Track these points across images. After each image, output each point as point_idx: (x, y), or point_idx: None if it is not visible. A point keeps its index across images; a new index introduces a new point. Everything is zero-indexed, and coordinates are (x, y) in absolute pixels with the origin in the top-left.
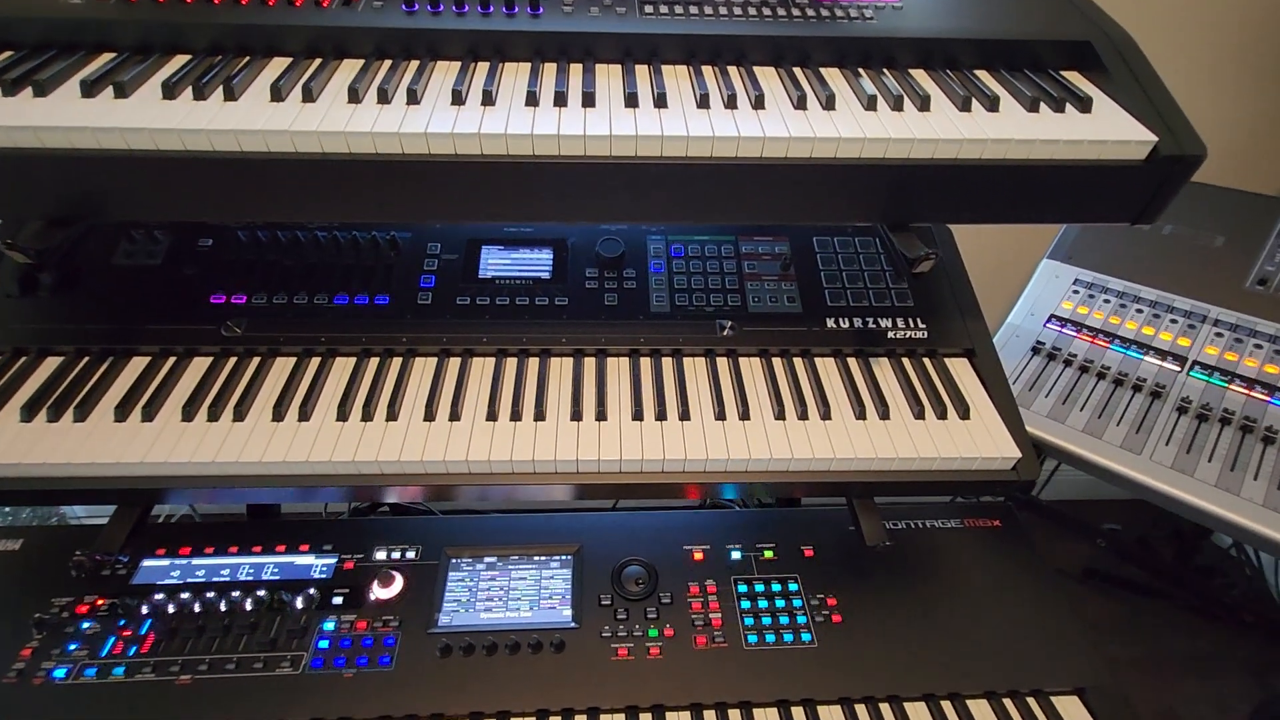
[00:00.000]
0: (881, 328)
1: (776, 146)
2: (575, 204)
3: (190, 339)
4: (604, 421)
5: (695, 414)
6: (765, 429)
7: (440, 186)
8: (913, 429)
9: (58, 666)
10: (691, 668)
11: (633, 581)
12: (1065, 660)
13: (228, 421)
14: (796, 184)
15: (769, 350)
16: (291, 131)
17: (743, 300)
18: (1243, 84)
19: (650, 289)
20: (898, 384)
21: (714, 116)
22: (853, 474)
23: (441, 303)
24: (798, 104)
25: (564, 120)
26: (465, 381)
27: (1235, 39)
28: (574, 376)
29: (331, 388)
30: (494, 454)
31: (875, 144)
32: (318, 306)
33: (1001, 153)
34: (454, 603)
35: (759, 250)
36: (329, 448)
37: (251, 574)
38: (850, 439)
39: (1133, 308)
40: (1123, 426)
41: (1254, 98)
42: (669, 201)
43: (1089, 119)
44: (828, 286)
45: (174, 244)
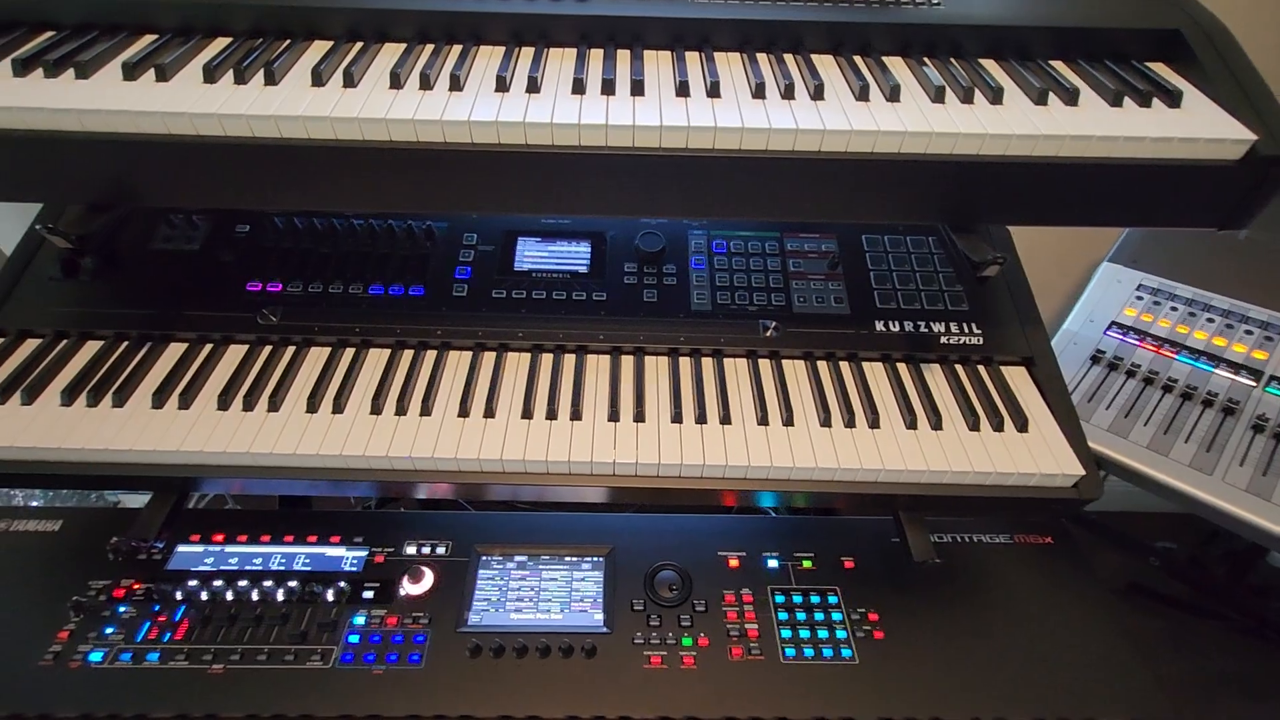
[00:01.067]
0: (934, 332)
1: (837, 140)
2: (622, 197)
3: (227, 326)
4: (642, 423)
5: (737, 418)
6: (810, 436)
7: (482, 177)
8: (967, 441)
9: (94, 650)
10: (727, 680)
11: (666, 587)
12: (1119, 689)
13: (263, 411)
14: (857, 180)
15: (814, 353)
16: (332, 118)
17: (787, 300)
18: None
19: (691, 286)
20: (951, 392)
21: (770, 107)
22: (902, 487)
23: (476, 295)
24: (859, 95)
25: (612, 110)
26: (500, 377)
27: None
28: (611, 375)
29: (365, 380)
30: (529, 453)
31: (943, 139)
32: (352, 296)
33: (1081, 150)
34: (484, 601)
35: (805, 248)
36: (363, 441)
37: (283, 564)
38: (900, 450)
39: (1203, 317)
40: (1191, 444)
41: None
42: (721, 197)
43: (1179, 115)
44: (877, 287)
45: (212, 229)
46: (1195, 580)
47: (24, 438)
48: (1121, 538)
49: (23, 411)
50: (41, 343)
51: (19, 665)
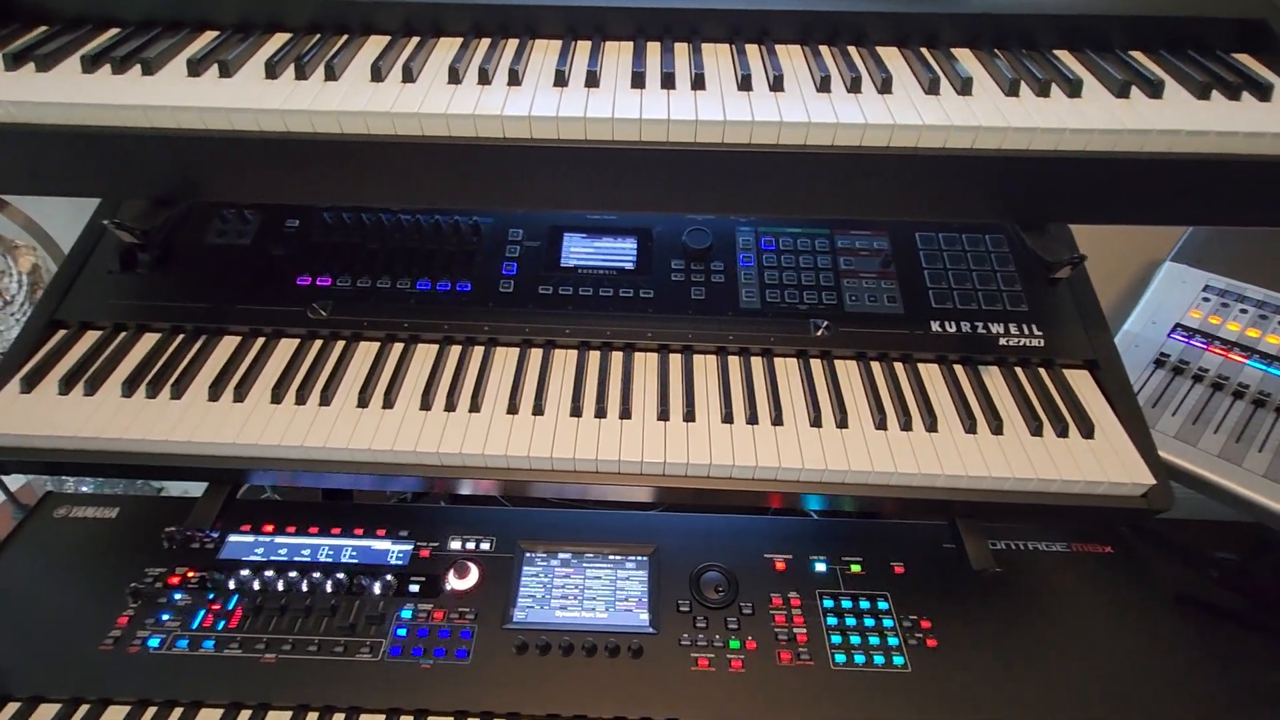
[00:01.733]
0: (992, 333)
1: (907, 135)
2: (682, 193)
3: (278, 320)
4: (692, 423)
5: (789, 419)
6: (865, 439)
7: (541, 170)
8: (1029, 446)
9: (152, 636)
10: (776, 684)
11: (712, 588)
12: (1177, 703)
13: (314, 405)
14: (927, 177)
15: (867, 353)
16: (393, 113)
17: (838, 299)
18: None
19: (739, 284)
20: (1010, 396)
21: (836, 101)
22: (960, 493)
23: (523, 291)
24: (929, 88)
25: (673, 104)
26: (548, 374)
27: None
28: (660, 374)
29: (414, 375)
30: (579, 452)
31: (1020, 134)
32: (400, 291)
33: (1169, 145)
34: (529, 598)
35: (856, 245)
36: (413, 438)
37: (331, 555)
38: (959, 454)
39: (1275, 319)
40: (1266, 452)
41: None
42: (785, 194)
43: (1271, 108)
44: (931, 286)
45: (263, 224)
46: (1254, 591)
47: (88, 428)
48: (1180, 548)
49: (86, 403)
50: (101, 335)
51: (81, 649)
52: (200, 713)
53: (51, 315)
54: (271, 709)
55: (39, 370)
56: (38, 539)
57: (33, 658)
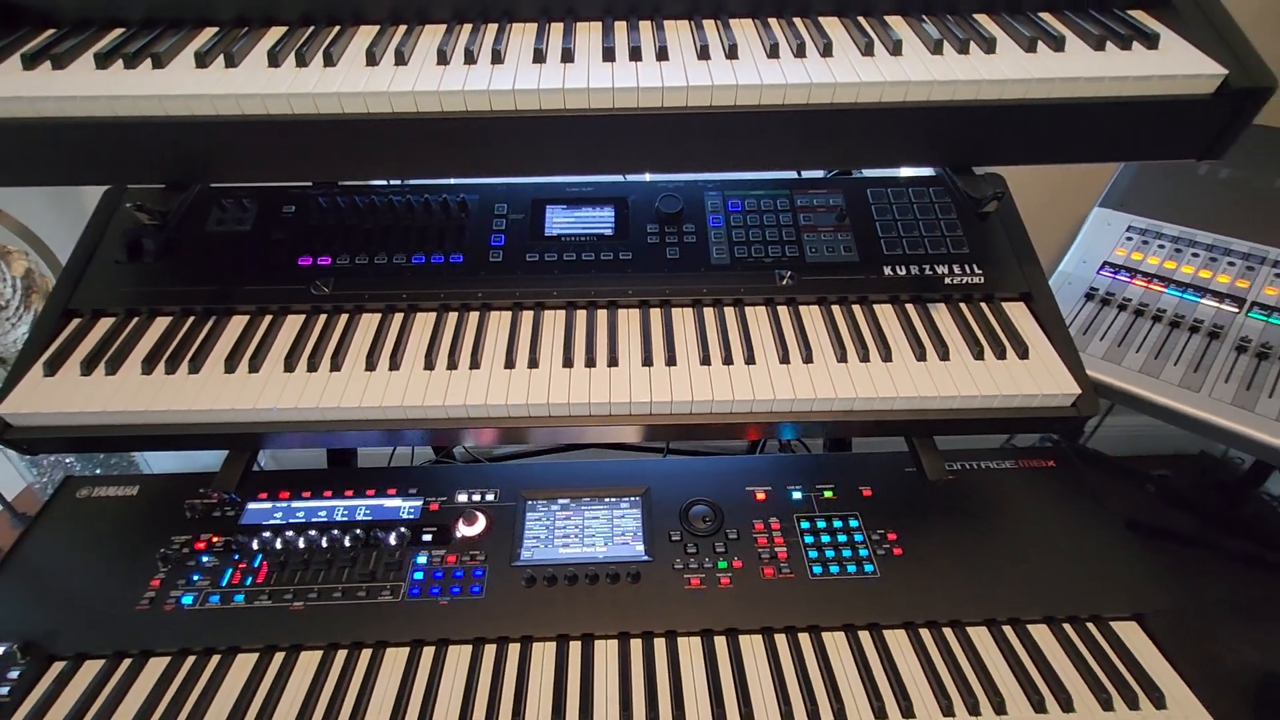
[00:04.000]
0: (938, 274)
1: (847, 92)
2: (653, 154)
3: (283, 298)
4: (674, 366)
5: (760, 358)
6: (829, 371)
7: (527, 139)
8: (973, 369)
9: (185, 594)
10: (761, 596)
11: (700, 519)
12: (1122, 588)
13: (326, 371)
14: (867, 128)
15: (828, 298)
16: (389, 93)
17: (800, 251)
18: None
19: (710, 242)
20: (956, 328)
21: (784, 65)
22: (916, 413)
23: (512, 260)
24: (865, 50)
25: (642, 74)
26: (540, 332)
27: None
28: (642, 326)
29: (416, 340)
30: (573, 397)
31: (944, 86)
32: (397, 266)
33: (1069, 91)
34: (533, 539)
35: (814, 202)
36: (420, 393)
37: (346, 515)
38: (912, 379)
39: (1188, 252)
40: (1180, 366)
41: None
42: (748, 149)
43: (1157, 55)
44: (883, 236)
45: (261, 211)
46: (1191, 509)
47: (113, 404)
48: (1119, 467)
49: (108, 382)
50: (115, 320)
51: (118, 610)
52: (237, 658)
53: (65, 305)
54: (304, 649)
55: (59, 355)
56: (64, 518)
57: (72, 622)
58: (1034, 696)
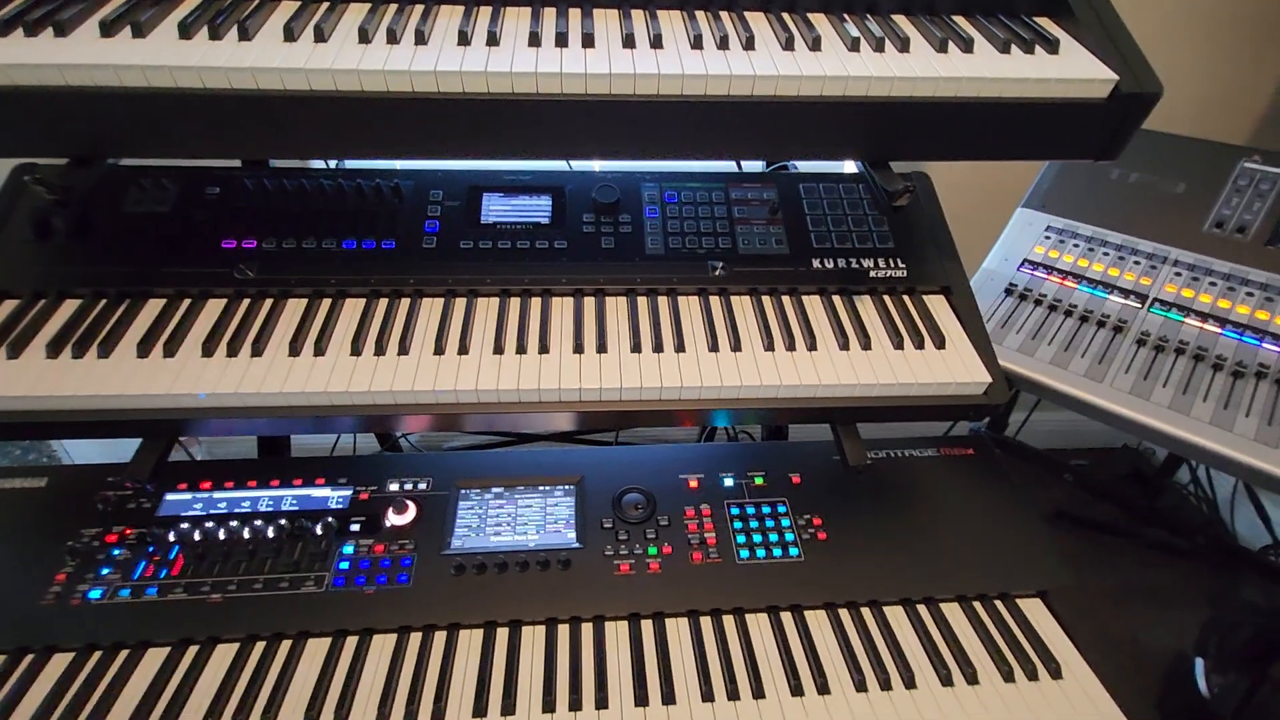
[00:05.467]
0: (864, 268)
1: (766, 85)
2: (578, 141)
3: (204, 281)
4: (604, 354)
5: (690, 346)
6: (756, 359)
7: (448, 123)
8: (893, 358)
9: (93, 588)
10: (689, 580)
11: (632, 507)
12: (1030, 568)
13: (246, 357)
14: (785, 121)
15: (758, 289)
16: (306, 69)
17: (733, 243)
18: (1209, 36)
19: (645, 233)
20: (879, 319)
21: (707, 56)
22: (837, 400)
23: (446, 246)
24: (786, 45)
25: (566, 60)
26: (472, 319)
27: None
28: (575, 314)
29: (344, 326)
30: (502, 384)
31: (858, 82)
32: (327, 251)
33: (975, 91)
34: (465, 528)
35: (748, 196)
36: (345, 378)
37: (271, 505)
38: (835, 367)
39: (1099, 251)
40: (1087, 358)
41: (1217, 49)
42: (668, 139)
43: (1056, 60)
44: (813, 230)
45: (182, 192)
46: (1110, 499)
47: (15, 388)
48: (1038, 456)
49: (10, 365)
50: (20, 303)
51: (22, 605)
52: (147, 652)
53: None
54: (220, 642)
55: None
56: None
57: None
58: (941, 671)
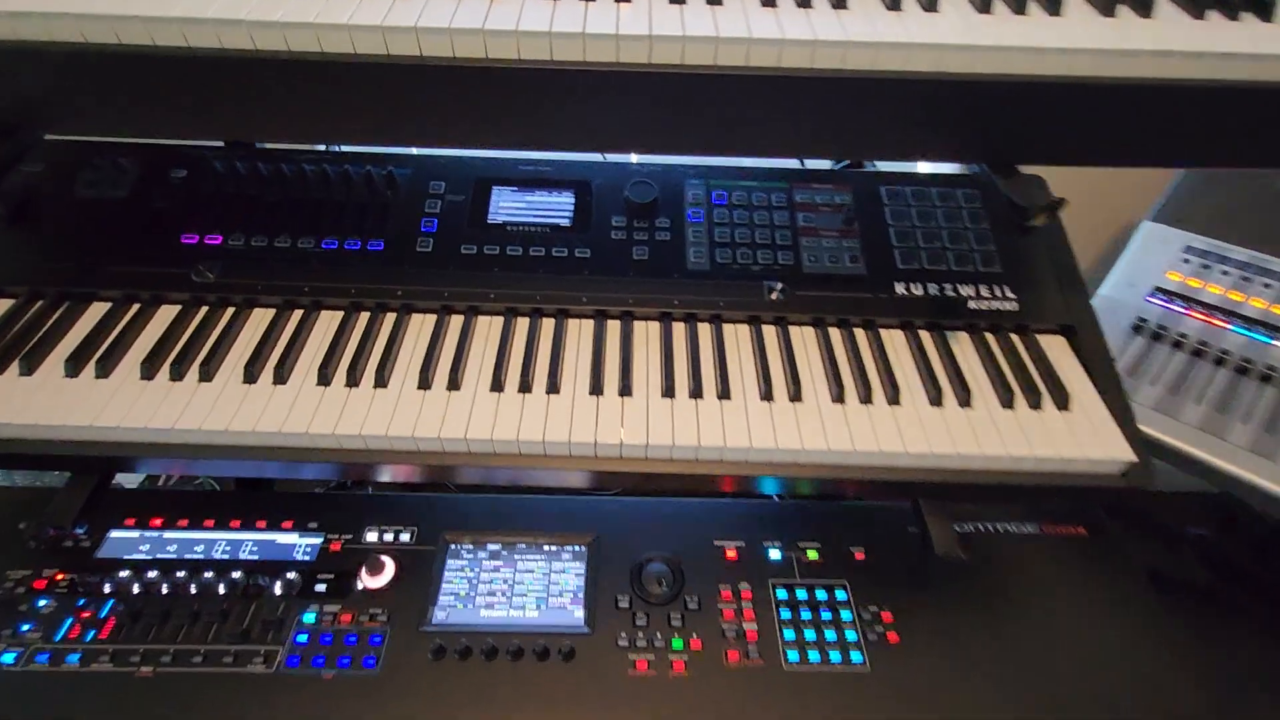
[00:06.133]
0: (961, 296)
1: (862, 55)
2: (601, 129)
3: (157, 284)
4: (628, 397)
5: (737, 392)
6: (821, 413)
7: (430, 98)
8: (999, 420)
9: (7, 650)
10: (722, 688)
11: (655, 581)
12: (1154, 693)
13: (193, 381)
14: (889, 106)
15: (825, 319)
16: (250, 21)
17: (796, 258)
18: None
19: (687, 242)
20: (981, 365)
21: (784, 15)
22: (925, 472)
23: (444, 251)
24: (890, 4)
25: (591, 16)
26: (468, 343)
27: None
28: (595, 342)
29: (314, 345)
30: (498, 431)
31: (992, 55)
32: (303, 251)
33: (1158, 69)
34: (451, 595)
35: (816, 200)
36: (306, 416)
37: (227, 552)
38: (924, 429)
39: (1259, 282)
40: (1251, 425)
41: None
42: (727, 127)
43: (1273, 29)
44: (897, 245)
45: (143, 175)
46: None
47: None
48: (1154, 525)
49: None
50: None
51: None
52: None
53: None
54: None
55: None
56: None
57: None
58: None
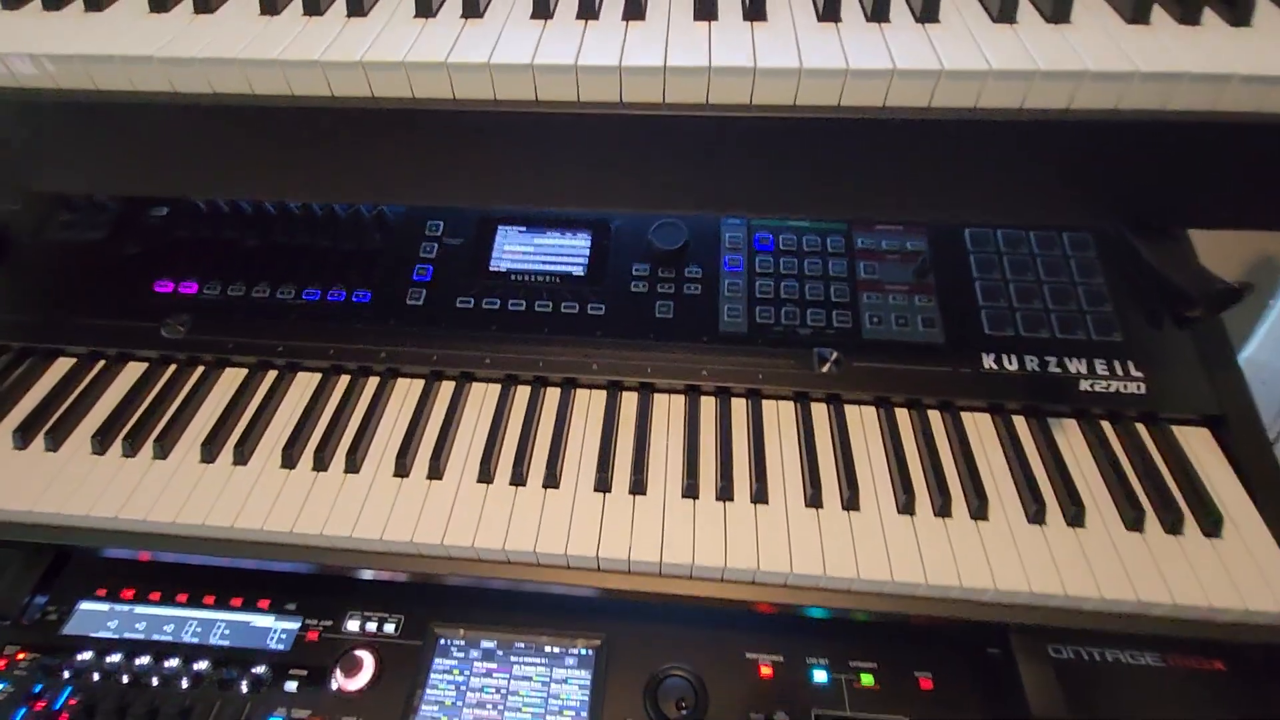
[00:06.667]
0: (1069, 373)
1: (959, 90)
2: (597, 189)
3: (125, 340)
4: (641, 496)
5: (776, 493)
6: (883, 528)
7: (401, 149)
8: (1124, 548)
9: None
10: None
11: (674, 702)
12: None
13: (146, 459)
14: (989, 156)
15: (890, 398)
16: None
17: (855, 320)
18: None
19: (721, 297)
20: (1095, 466)
21: (846, 33)
22: (1020, 611)
23: (436, 304)
24: (999, 15)
25: (588, 43)
26: (457, 418)
27: None
28: (605, 420)
29: (284, 416)
30: (482, 538)
31: (1151, 85)
32: (281, 303)
33: None
34: (435, 705)
35: (882, 246)
36: (263, 508)
37: (198, 634)
38: (1020, 557)
39: None
40: None
41: None
42: (769, 186)
43: None
44: (985, 305)
45: (123, 213)
46: None
47: None
48: None
49: None
50: None
51: None
52: None
53: None
54: None
55: None
56: None
57: None
58: None
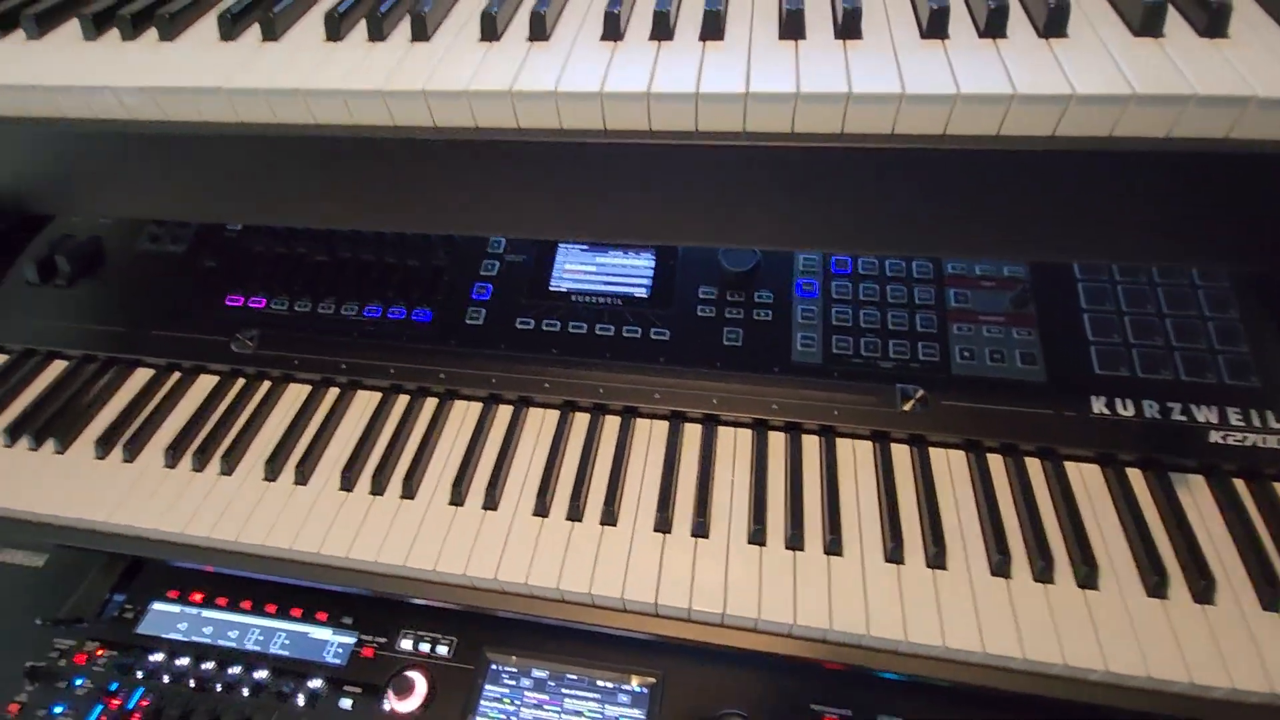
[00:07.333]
0: (1197, 422)
1: (1038, 115)
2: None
3: (198, 352)
4: (704, 540)
5: (851, 545)
6: (973, 589)
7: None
8: (1258, 627)
9: None
10: None
11: None
12: None
13: (213, 473)
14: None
15: (983, 442)
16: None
17: (943, 353)
18: None
19: (794, 325)
20: (1226, 530)
21: (954, 53)
22: (1132, 695)
23: (496, 324)
24: (1142, 25)
25: (660, 69)
26: (513, 447)
27: None
28: (667, 454)
29: (344, 436)
30: (536, 575)
31: None
32: (344, 319)
33: None
34: None
35: (975, 271)
36: (319, 533)
37: (259, 643)
38: (1135, 633)
39: None
40: None
41: None
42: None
43: None
44: (1095, 341)
45: (202, 227)
46: None
47: None
48: None
49: None
50: (8, 360)
51: None
52: None
53: None
54: None
55: None
56: None
57: None
58: None
